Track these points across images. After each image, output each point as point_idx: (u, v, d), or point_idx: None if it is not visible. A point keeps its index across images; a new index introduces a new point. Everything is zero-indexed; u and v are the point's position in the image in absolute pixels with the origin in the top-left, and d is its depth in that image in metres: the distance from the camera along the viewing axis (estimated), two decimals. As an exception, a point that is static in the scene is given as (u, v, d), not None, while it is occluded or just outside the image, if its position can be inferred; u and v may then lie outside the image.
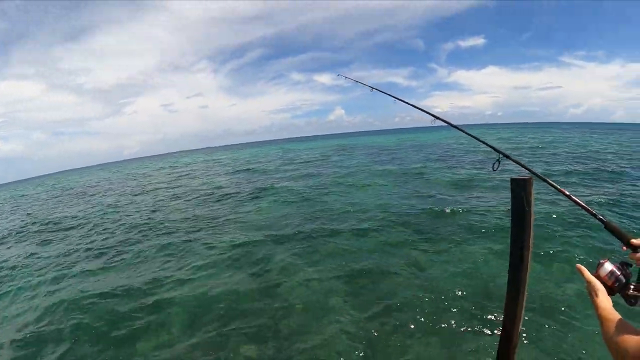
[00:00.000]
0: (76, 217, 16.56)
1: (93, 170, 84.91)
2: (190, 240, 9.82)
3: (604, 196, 10.19)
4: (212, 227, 11.08)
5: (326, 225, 9.56)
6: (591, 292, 1.41)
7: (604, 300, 1.36)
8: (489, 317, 4.85)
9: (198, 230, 10.84)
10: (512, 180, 2.20)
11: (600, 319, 1.32)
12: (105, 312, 6.32)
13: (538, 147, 28.00)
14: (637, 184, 12.28)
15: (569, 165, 16.84)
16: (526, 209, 2.19)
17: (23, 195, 39.87)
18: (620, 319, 1.25)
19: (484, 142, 2.59)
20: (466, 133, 2.88)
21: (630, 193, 10.65)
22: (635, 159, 19.06)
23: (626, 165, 16.24)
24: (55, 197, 29.75)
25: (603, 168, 15.38)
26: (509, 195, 2.24)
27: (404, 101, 3.44)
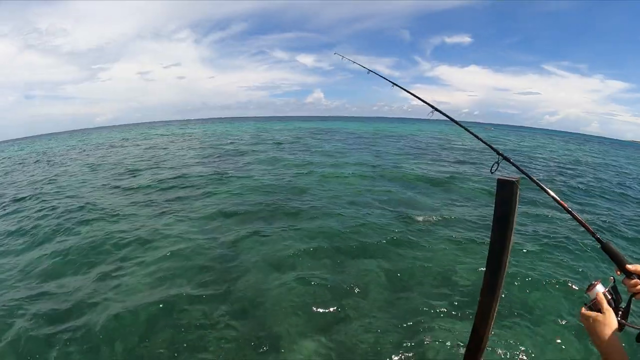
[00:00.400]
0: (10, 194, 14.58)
1: (62, 137, 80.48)
2: (136, 229, 8.80)
3: (594, 213, 10.30)
4: (169, 213, 10.11)
5: (292, 220, 9.02)
6: (601, 325, 1.34)
7: (612, 336, 1.32)
8: (458, 319, 4.91)
9: (151, 217, 9.86)
10: (499, 181, 2.11)
11: (607, 355, 1.31)
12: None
13: (515, 150, 28.55)
14: (615, 198, 12.69)
15: (546, 173, 17.22)
16: (509, 212, 2.11)
17: None
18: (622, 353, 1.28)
19: (485, 143, 2.48)
20: (467, 130, 2.76)
21: (614, 209, 10.93)
22: (613, 171, 19.92)
23: (605, 178, 16.88)
24: (7, 166, 27.69)
25: (583, 179, 15.76)
26: (486, 200, 2.16)
27: (403, 88, 3.29)
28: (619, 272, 1.45)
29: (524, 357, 4.19)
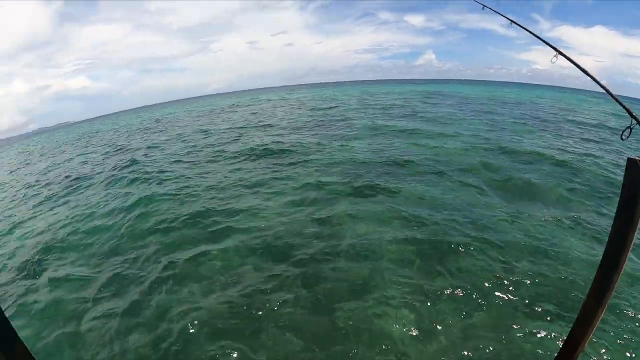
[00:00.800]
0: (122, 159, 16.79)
1: (175, 105, 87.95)
2: (232, 197, 9.21)
3: None
4: (266, 181, 10.28)
5: (390, 198, 8.36)
6: None
7: None
8: (558, 316, 4.45)
9: (247, 184, 10.16)
10: (629, 161, 1.69)
11: None
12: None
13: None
14: None
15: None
16: (638, 197, 1.70)
17: (98, 131, 42.33)
18: None
19: (618, 101, 2.02)
20: (597, 82, 2.24)
21: None
22: None
23: None
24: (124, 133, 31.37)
25: None
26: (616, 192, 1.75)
27: (521, 26, 2.86)
28: None
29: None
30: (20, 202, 13.64)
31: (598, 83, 2.13)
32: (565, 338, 2.07)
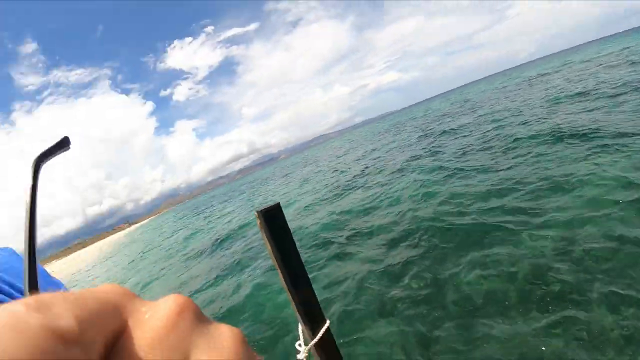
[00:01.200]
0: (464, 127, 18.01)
1: (487, 81, 79.00)
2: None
3: None
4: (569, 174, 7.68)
5: None
6: None
7: None
8: None
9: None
10: None
11: None
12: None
13: None
14: None
15: None
16: None
17: (410, 118, 42.33)
18: None
19: None
20: None
21: None
22: None
23: None
24: (458, 110, 33.10)
25: None
26: None
27: None
28: None
29: None
30: (336, 182, 17.85)
31: None
32: None
